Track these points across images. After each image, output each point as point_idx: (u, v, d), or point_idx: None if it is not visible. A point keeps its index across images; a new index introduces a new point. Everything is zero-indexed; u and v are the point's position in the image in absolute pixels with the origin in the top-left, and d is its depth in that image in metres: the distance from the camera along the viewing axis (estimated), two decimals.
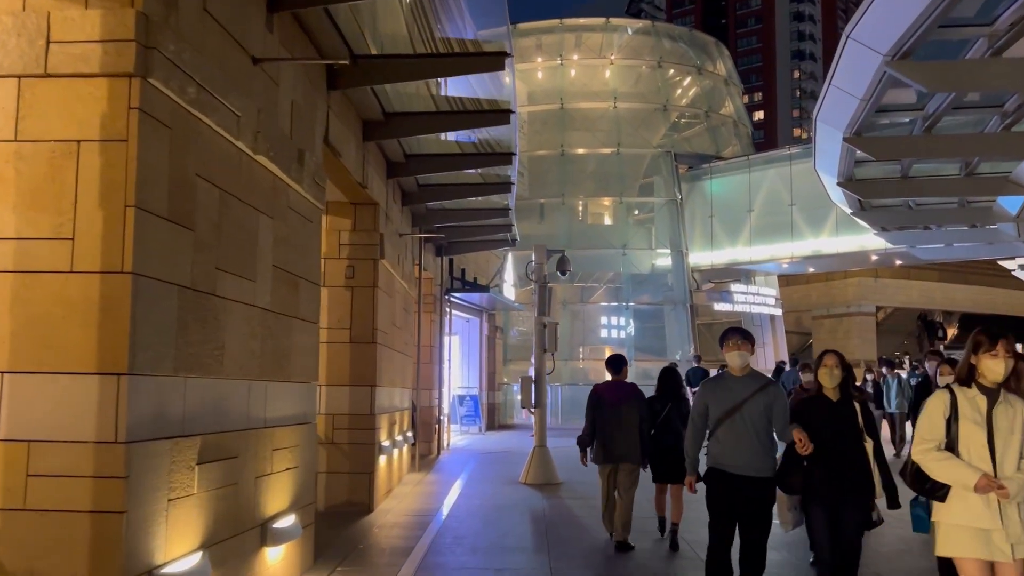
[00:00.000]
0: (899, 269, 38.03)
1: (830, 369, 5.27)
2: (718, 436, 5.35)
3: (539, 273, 12.04)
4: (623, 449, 7.60)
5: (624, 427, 7.60)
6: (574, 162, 28.79)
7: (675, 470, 7.45)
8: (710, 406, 5.39)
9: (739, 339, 5.38)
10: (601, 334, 29.36)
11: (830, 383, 5.26)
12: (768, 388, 5.30)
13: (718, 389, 5.42)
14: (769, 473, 5.29)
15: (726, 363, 5.44)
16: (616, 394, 7.76)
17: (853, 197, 15.49)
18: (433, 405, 15.49)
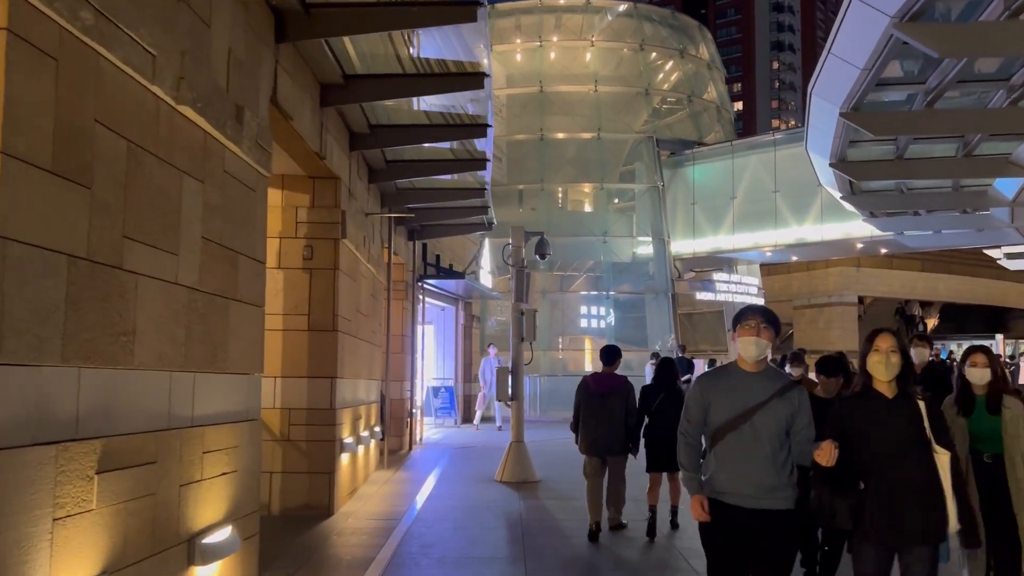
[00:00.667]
0: (881, 259, 37.66)
1: (885, 356, 3.81)
2: (718, 453, 3.95)
3: (517, 257, 11.25)
4: (607, 441, 7.69)
5: (608, 419, 7.65)
6: (554, 147, 27.98)
7: (668, 459, 7.45)
8: (710, 410, 4.01)
9: (759, 320, 3.97)
10: (581, 324, 28.63)
11: (886, 375, 3.81)
12: (791, 392, 3.94)
13: (722, 388, 4.01)
14: (788, 503, 3.90)
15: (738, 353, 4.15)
16: (602, 386, 7.79)
17: (844, 179, 14.89)
18: (405, 398, 14.68)
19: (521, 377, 11.16)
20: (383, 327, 12.37)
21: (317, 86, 7.76)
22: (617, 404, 7.67)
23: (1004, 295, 40.41)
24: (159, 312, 4.43)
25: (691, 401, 4.12)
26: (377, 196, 11.56)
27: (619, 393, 7.72)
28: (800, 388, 4.04)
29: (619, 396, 7.70)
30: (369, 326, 10.90)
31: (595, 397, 7.74)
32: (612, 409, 7.66)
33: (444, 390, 19.35)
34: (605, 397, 7.70)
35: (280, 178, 8.80)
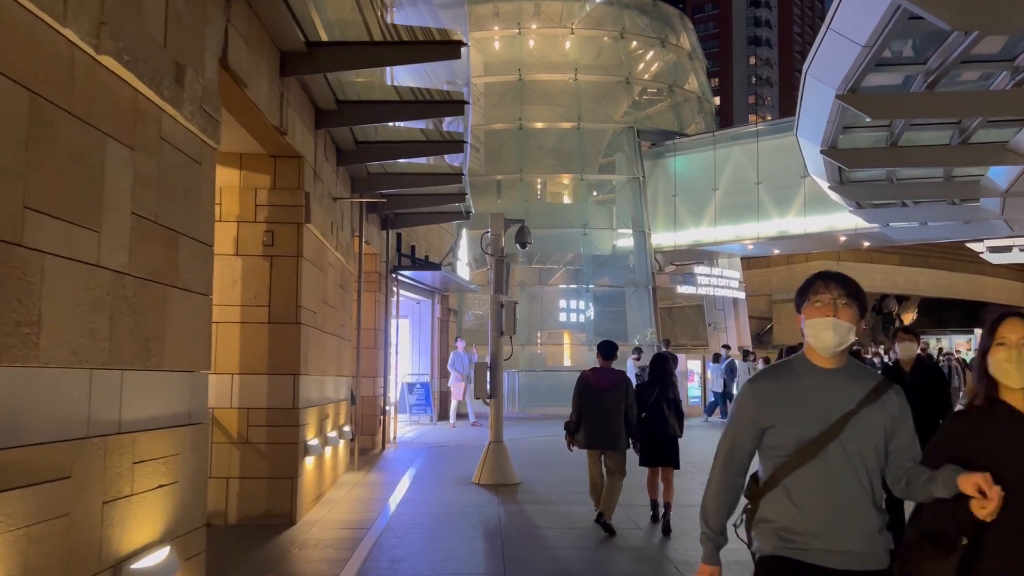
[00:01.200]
0: (861, 253, 37.42)
1: (1018, 352, 2.53)
2: (789, 487, 2.70)
3: (496, 246, 10.60)
4: (607, 436, 7.74)
5: (609, 414, 7.69)
6: (532, 137, 27.31)
7: (663, 453, 7.83)
8: (771, 428, 2.75)
9: (838, 291, 2.74)
10: (560, 318, 28.03)
11: (1019, 380, 2.53)
12: (887, 395, 2.73)
13: (789, 396, 2.76)
14: (884, 562, 2.68)
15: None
16: (602, 381, 7.83)
17: (834, 167, 14.45)
18: (377, 395, 13.98)
19: (500, 373, 10.52)
20: (353, 320, 11.67)
21: (276, 53, 7.05)
22: (616, 399, 7.69)
23: (982, 289, 40.40)
24: (74, 299, 3.73)
25: (740, 417, 2.86)
26: (347, 180, 10.85)
27: (619, 388, 7.75)
28: (897, 388, 2.79)
29: (619, 391, 7.74)
30: (337, 319, 10.20)
31: (595, 392, 7.76)
32: (612, 404, 7.69)
33: (419, 386, 18.67)
34: (605, 392, 7.72)
35: (238, 157, 8.08)
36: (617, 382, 7.81)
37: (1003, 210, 16.04)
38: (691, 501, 8.11)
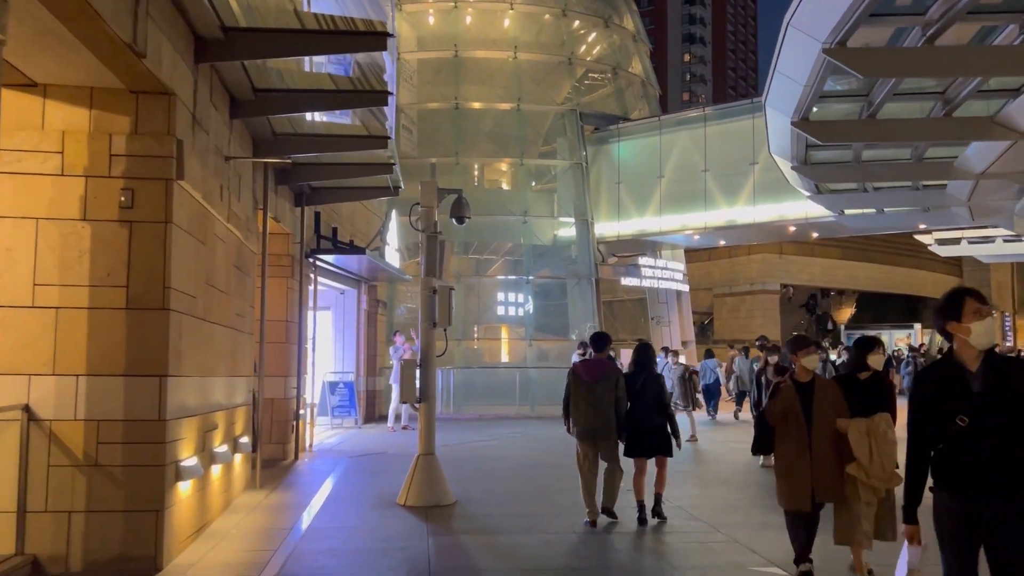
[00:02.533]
0: (803, 246, 36.83)
1: None
2: None
3: (428, 220, 8.85)
4: (598, 426, 7.81)
5: (598, 405, 7.78)
6: (469, 118, 25.55)
7: (653, 443, 7.93)
8: None
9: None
10: (498, 311, 26.34)
11: None
12: None
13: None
14: None
15: None
16: (592, 372, 7.91)
17: (801, 143, 13.34)
18: (289, 397, 12.11)
19: (432, 372, 8.78)
20: (255, 309, 9.79)
21: None
22: (607, 390, 7.79)
23: (920, 284, 40.31)
24: None
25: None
26: (246, 140, 8.97)
27: (609, 379, 7.84)
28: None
29: (609, 382, 7.82)
30: (231, 307, 8.33)
31: (585, 384, 7.83)
32: (602, 395, 7.79)
33: (343, 386, 16.78)
34: (595, 383, 7.80)
35: (87, 92, 6.19)
36: (606, 373, 7.87)
37: (971, 195, 15.02)
38: None
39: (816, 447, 5.56)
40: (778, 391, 5.73)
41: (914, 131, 11.80)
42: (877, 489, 5.54)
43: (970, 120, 11.25)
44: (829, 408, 5.61)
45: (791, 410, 5.62)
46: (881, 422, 5.51)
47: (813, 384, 5.71)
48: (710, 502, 9.06)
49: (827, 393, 5.68)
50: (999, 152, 12.16)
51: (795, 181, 16.75)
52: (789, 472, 5.65)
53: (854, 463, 5.45)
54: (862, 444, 5.42)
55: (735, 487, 10.29)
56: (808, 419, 5.59)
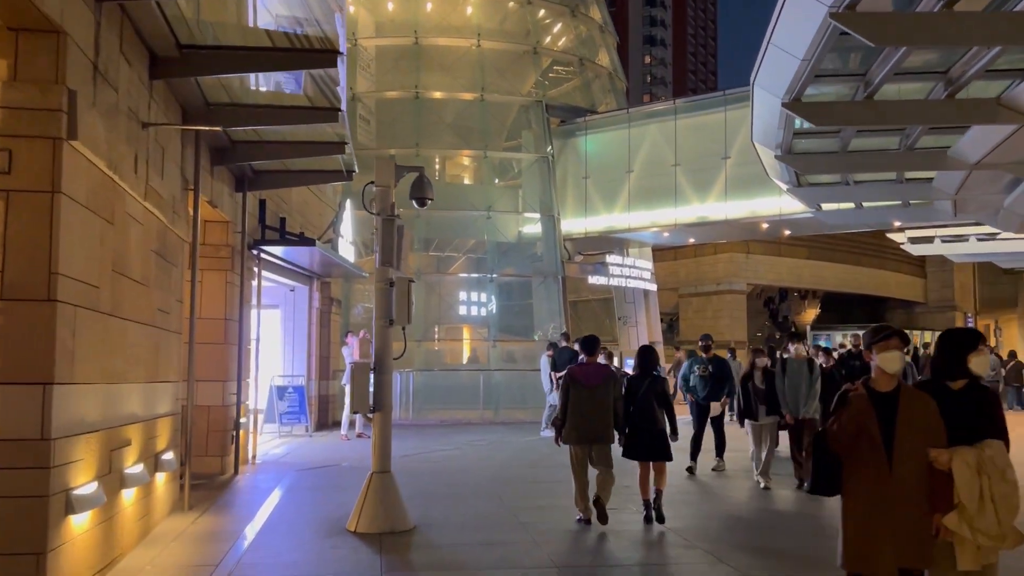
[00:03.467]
0: (769, 246, 36.25)
1: None
2: None
3: (384, 202, 7.69)
4: (597, 430, 7.79)
5: (598, 408, 7.78)
6: (431, 108, 24.34)
7: (654, 447, 7.96)
8: None
9: None
10: (460, 311, 25.15)
11: None
12: None
13: None
14: None
15: None
16: (590, 376, 7.89)
17: (791, 129, 12.42)
18: (229, 404, 10.82)
19: (388, 378, 7.61)
20: (184, 305, 8.52)
21: None
22: (605, 393, 7.80)
23: (885, 284, 40.06)
24: None
25: None
26: (174, 108, 7.72)
27: (607, 382, 7.85)
28: None
29: (606, 386, 7.83)
30: (150, 301, 7.07)
31: (583, 387, 7.82)
32: (601, 398, 7.79)
33: (292, 390, 15.48)
34: (594, 387, 7.80)
35: None
36: (605, 377, 7.89)
37: (960, 188, 14.27)
38: None
39: (899, 487, 3.98)
40: (846, 402, 4.10)
41: (914, 113, 10.93)
42: (987, 551, 3.94)
43: (974, 102, 10.42)
44: (920, 431, 4.00)
45: (864, 431, 3.99)
46: (996, 454, 3.92)
47: (898, 395, 4.06)
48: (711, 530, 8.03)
49: (918, 409, 4.03)
50: (999, 139, 11.36)
51: (775, 173, 15.88)
52: (858, 522, 4.07)
53: (954, 512, 3.89)
54: (970, 485, 3.86)
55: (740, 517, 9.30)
56: (889, 446, 3.97)
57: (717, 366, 11.70)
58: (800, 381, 9.95)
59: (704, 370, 11.68)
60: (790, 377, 9.99)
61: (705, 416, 11.63)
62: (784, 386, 10.01)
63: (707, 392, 11.63)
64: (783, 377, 9.99)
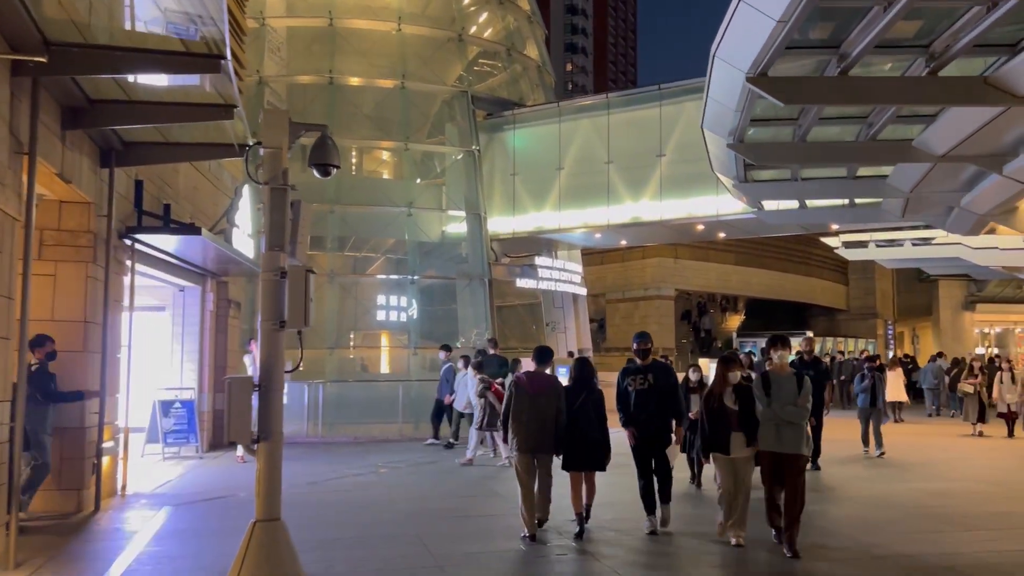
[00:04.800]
0: (698, 251, 35.59)
1: None
2: None
3: (274, 167, 5.95)
4: (538, 440, 7.86)
5: (540, 418, 7.85)
6: (347, 95, 22.42)
7: (592, 458, 7.98)
8: None
9: None
10: (378, 316, 23.29)
11: None
12: None
13: None
14: None
15: None
16: (535, 385, 7.96)
17: (741, 163, 11.82)
18: (89, 425, 8.82)
19: (277, 398, 5.83)
20: (15, 301, 6.56)
21: None
22: (549, 403, 7.88)
23: (810, 291, 39.95)
24: None
25: None
26: None
27: (551, 393, 7.93)
28: None
29: (551, 396, 7.91)
30: None
31: (527, 396, 7.87)
32: (544, 408, 7.85)
33: (180, 405, 13.41)
34: (537, 396, 7.86)
35: None
36: (548, 387, 7.97)
37: (917, 185, 13.33)
38: None
39: None
40: None
41: (893, 92, 9.81)
42: None
43: (959, 80, 9.34)
44: None
45: None
46: None
47: None
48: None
49: None
50: (976, 126, 10.33)
51: (720, 166, 14.73)
52: None
53: None
54: None
55: None
56: None
57: (659, 375, 8.17)
58: (788, 401, 7.41)
59: (641, 381, 8.14)
60: (776, 394, 7.44)
61: (650, 452, 8.17)
62: (768, 407, 7.46)
63: (648, 415, 8.08)
64: (765, 395, 7.43)
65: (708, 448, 7.83)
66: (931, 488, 10.98)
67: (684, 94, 21.33)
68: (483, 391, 13.19)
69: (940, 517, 9.03)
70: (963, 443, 16.17)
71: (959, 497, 10.28)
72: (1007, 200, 13.39)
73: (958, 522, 8.77)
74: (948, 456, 14.43)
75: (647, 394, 8.07)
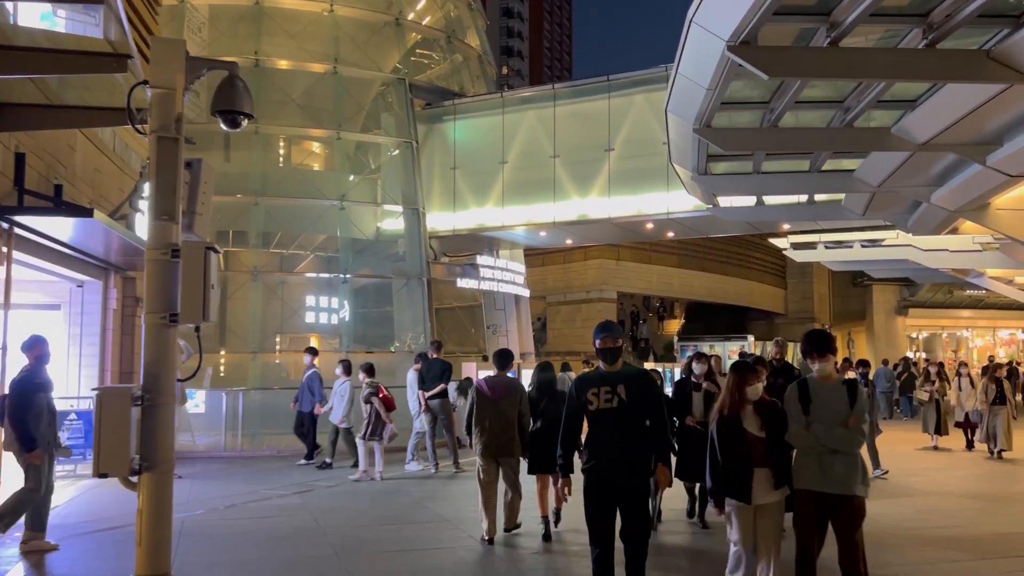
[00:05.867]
0: (640, 253, 34.90)
1: None
2: None
3: (164, 113, 4.56)
4: (501, 443, 7.84)
5: (503, 422, 7.83)
6: (274, 79, 20.78)
7: (551, 461, 6.58)
8: None
9: None
10: (307, 317, 21.65)
11: None
12: None
13: None
14: None
15: None
16: (495, 389, 7.94)
17: (703, 152, 10.90)
18: None
19: (166, 414, 4.41)
20: None
21: None
22: (510, 407, 7.84)
23: (750, 295, 39.68)
24: None
25: None
26: None
27: (512, 396, 7.89)
28: None
29: (512, 399, 7.87)
30: None
31: (489, 400, 7.87)
32: (505, 412, 7.83)
33: (76, 416, 11.70)
34: (499, 400, 7.85)
35: None
36: (509, 390, 7.91)
37: (888, 178, 12.56)
38: None
39: None
40: None
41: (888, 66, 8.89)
42: None
43: (961, 55, 8.48)
44: None
45: None
46: None
47: None
48: None
49: None
50: (971, 107, 9.52)
51: (680, 155, 13.65)
52: None
53: None
54: None
55: None
56: None
57: (635, 387, 5.35)
58: (837, 421, 5.31)
59: (607, 396, 5.37)
60: (818, 411, 5.34)
61: (614, 505, 5.35)
62: (807, 430, 5.36)
63: (613, 449, 5.33)
64: (801, 412, 5.36)
65: (721, 493, 5.49)
66: (918, 505, 10.11)
67: (633, 86, 20.42)
68: (369, 396, 11.95)
69: (943, 542, 8.09)
70: (926, 456, 15.34)
71: (955, 515, 9.41)
72: (982, 195, 12.74)
73: (968, 548, 7.82)
74: (921, 467, 13.70)
75: (616, 416, 5.28)
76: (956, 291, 41.58)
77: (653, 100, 20.03)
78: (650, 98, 20.03)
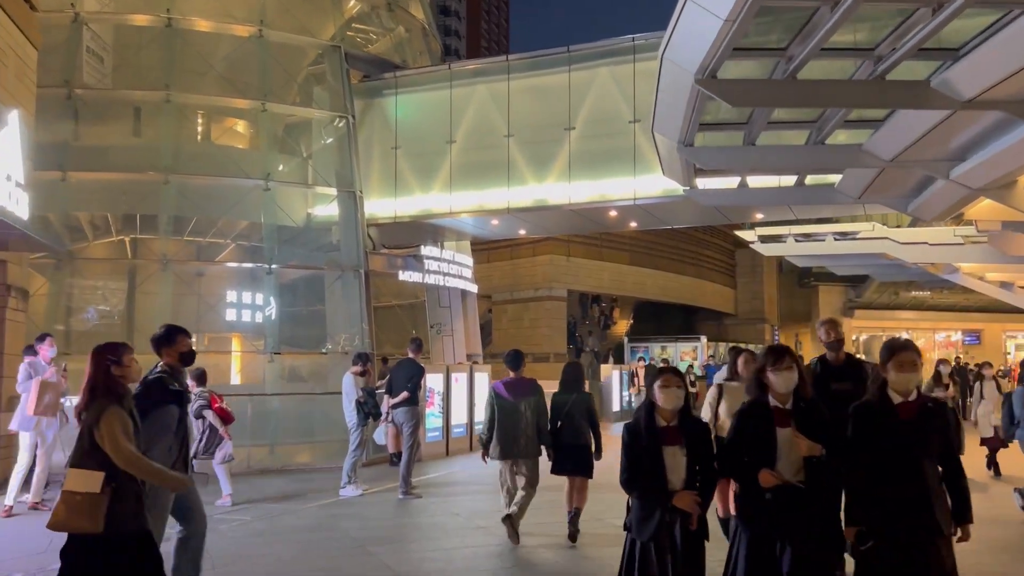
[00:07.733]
0: (592, 250, 33.14)
1: None
2: None
3: None
4: (521, 445, 7.93)
5: (522, 424, 7.92)
6: (190, 43, 18.16)
7: (577, 463, 7.93)
8: None
9: None
10: (227, 314, 19.03)
11: None
12: None
13: None
14: None
15: None
16: (514, 391, 8.04)
17: (698, 110, 9.35)
18: None
19: None
20: None
21: None
22: (529, 408, 7.93)
23: (702, 294, 38.38)
24: None
25: None
26: None
27: (530, 396, 8.01)
28: None
29: (531, 400, 7.98)
30: None
31: (508, 403, 7.97)
32: (524, 413, 7.93)
33: None
34: (518, 402, 7.95)
35: None
36: (528, 391, 8.02)
37: (908, 148, 10.84)
38: None
39: None
40: None
41: None
42: None
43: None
44: None
45: None
46: None
47: None
48: None
49: None
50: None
51: (666, 122, 11.48)
52: None
53: None
54: None
55: None
56: None
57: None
58: None
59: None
60: None
61: None
62: None
63: None
64: None
65: None
66: None
67: (597, 58, 18.43)
68: (201, 409, 9.77)
69: None
70: None
71: None
72: (1012, 172, 11.21)
73: None
74: None
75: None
76: (902, 292, 41.10)
77: (618, 74, 18.12)
78: (615, 72, 18.11)
